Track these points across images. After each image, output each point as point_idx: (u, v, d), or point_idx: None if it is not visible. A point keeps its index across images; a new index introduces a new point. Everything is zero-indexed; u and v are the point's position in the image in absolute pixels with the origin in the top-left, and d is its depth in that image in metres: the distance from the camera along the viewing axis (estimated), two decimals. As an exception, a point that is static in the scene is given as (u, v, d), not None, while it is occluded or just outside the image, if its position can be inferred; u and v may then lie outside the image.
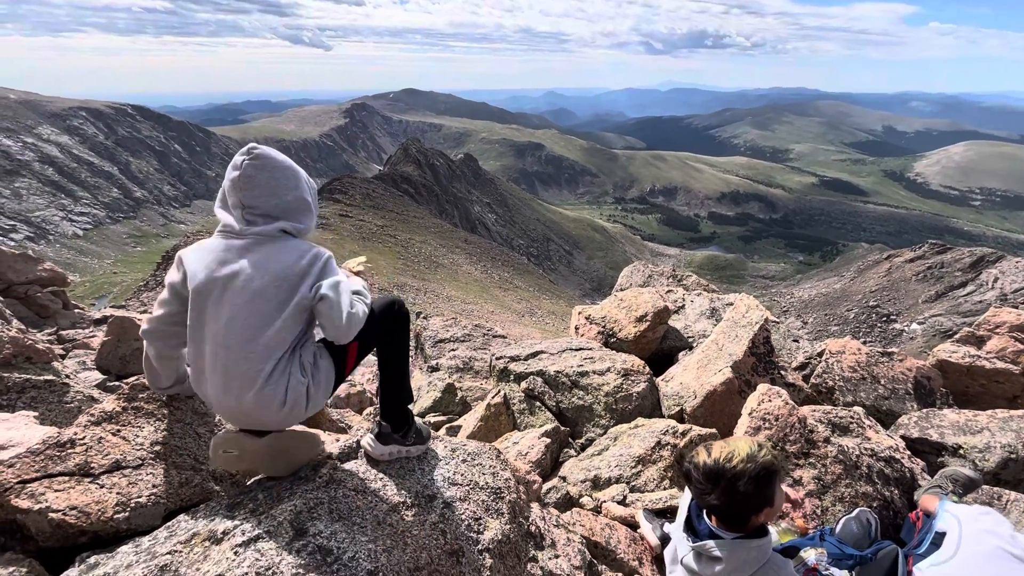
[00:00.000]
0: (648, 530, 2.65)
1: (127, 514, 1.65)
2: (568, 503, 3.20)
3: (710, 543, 1.72)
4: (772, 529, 2.51)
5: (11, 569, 1.46)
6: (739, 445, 1.68)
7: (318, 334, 1.81)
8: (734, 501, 1.63)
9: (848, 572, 2.19)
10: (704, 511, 1.86)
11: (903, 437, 3.87)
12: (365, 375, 6.83)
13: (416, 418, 2.16)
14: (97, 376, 5.25)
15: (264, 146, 1.75)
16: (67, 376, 2.91)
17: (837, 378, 5.15)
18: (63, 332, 7.78)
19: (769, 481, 1.64)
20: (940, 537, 2.31)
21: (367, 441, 2.04)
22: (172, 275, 1.74)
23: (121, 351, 5.83)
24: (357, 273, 2.18)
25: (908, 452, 3.31)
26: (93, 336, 7.64)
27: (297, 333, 1.70)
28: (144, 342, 1.86)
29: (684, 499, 1.99)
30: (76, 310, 9.18)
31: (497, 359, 5.33)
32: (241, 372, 1.62)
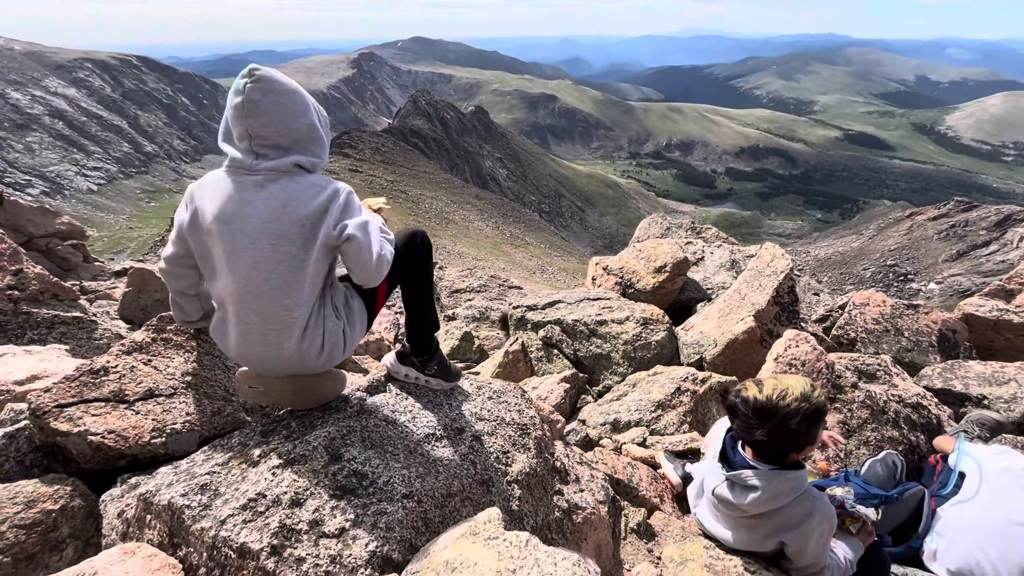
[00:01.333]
0: (670, 470, 2.67)
1: (163, 439, 1.67)
2: (588, 445, 3.23)
3: (747, 472, 1.71)
4: None
5: (56, 487, 1.49)
6: (792, 383, 1.65)
7: (339, 271, 1.75)
8: (782, 438, 1.61)
9: (875, 511, 2.20)
10: (740, 444, 1.85)
11: (926, 388, 3.83)
12: (382, 324, 6.89)
13: (447, 359, 2.14)
14: (121, 325, 5.37)
15: (266, 67, 1.57)
16: (94, 315, 2.94)
17: (860, 330, 5.07)
18: (85, 284, 7.91)
19: (818, 421, 1.63)
20: (962, 478, 2.31)
21: (388, 358, 2.05)
22: (180, 213, 1.64)
23: (143, 301, 5.91)
24: (377, 211, 2.10)
25: (935, 400, 3.27)
26: (115, 288, 7.75)
27: (324, 274, 1.62)
28: (164, 281, 1.81)
29: (718, 431, 1.98)
30: (96, 263, 9.30)
31: (514, 308, 5.32)
32: (278, 320, 1.55)
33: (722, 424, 2.02)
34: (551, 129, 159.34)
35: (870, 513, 2.07)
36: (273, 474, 1.41)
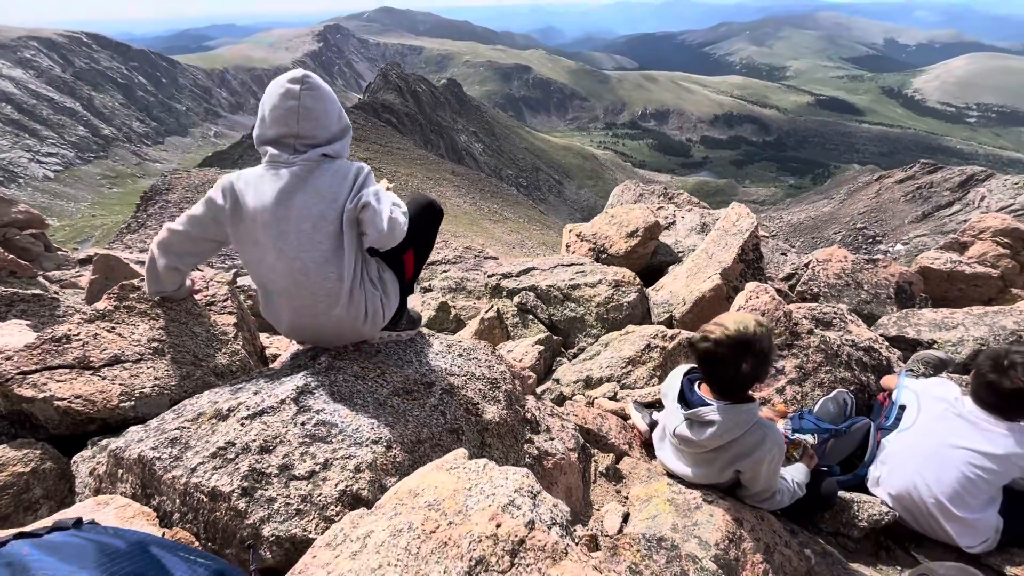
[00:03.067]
0: (638, 418, 2.79)
1: (132, 403, 1.69)
2: (562, 401, 3.34)
3: (704, 408, 1.82)
4: None
5: (25, 451, 1.50)
6: (745, 317, 1.79)
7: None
8: (761, 365, 1.75)
9: (812, 436, 2.37)
10: (696, 385, 1.95)
11: (882, 336, 4.03)
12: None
13: (408, 305, 2.22)
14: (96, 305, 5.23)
15: (308, 72, 1.77)
16: (55, 293, 2.88)
17: (822, 285, 5.26)
18: (49, 274, 7.65)
19: (772, 347, 1.77)
20: (903, 411, 2.48)
21: None
22: (216, 198, 1.76)
23: (111, 287, 5.76)
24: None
25: (886, 343, 3.45)
26: (80, 276, 7.53)
27: (357, 247, 1.79)
28: (155, 251, 1.88)
29: (674, 378, 2.07)
30: (60, 252, 8.97)
31: (489, 276, 5.36)
32: (325, 292, 1.74)
33: (678, 371, 2.12)
34: (526, 101, 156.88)
35: (808, 439, 2.23)
36: (242, 424, 1.45)
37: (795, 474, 2.10)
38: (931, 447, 2.20)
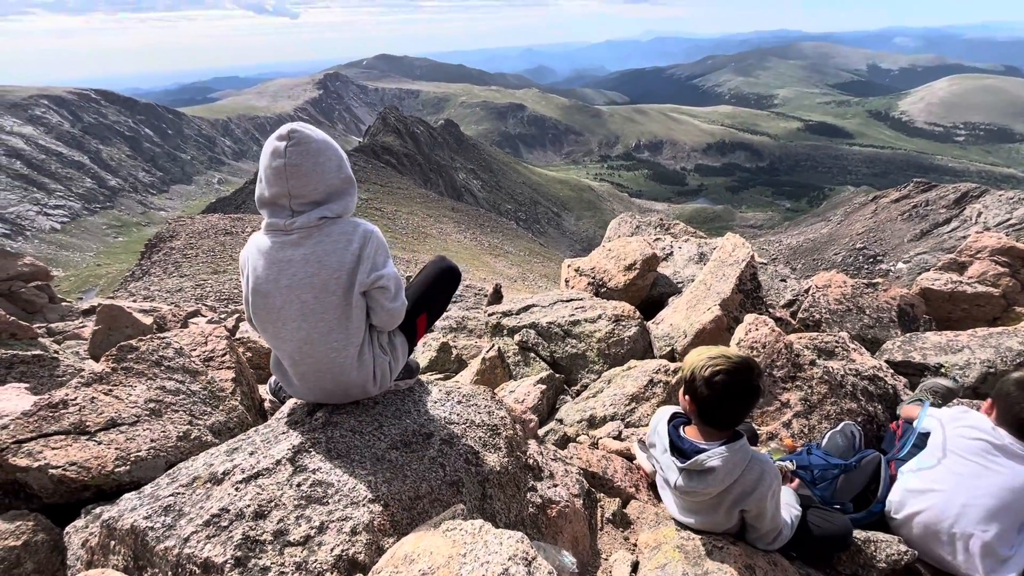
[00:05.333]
0: (643, 459, 2.73)
1: (128, 467, 1.67)
2: (565, 443, 3.28)
3: (701, 456, 1.78)
4: (763, 450, 2.62)
5: (17, 523, 1.48)
6: (721, 348, 1.81)
7: None
8: (761, 390, 1.78)
9: (790, 461, 2.36)
10: (682, 429, 1.92)
11: (887, 361, 3.99)
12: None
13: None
14: (93, 365, 5.22)
15: (299, 124, 1.69)
16: (56, 352, 2.89)
17: (824, 311, 5.25)
18: (53, 325, 7.69)
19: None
20: (923, 438, 2.42)
21: None
22: (243, 281, 1.79)
23: (113, 339, 5.76)
24: None
25: (891, 371, 3.41)
26: (84, 327, 7.56)
27: (366, 316, 1.79)
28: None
29: (660, 425, 2.03)
30: (64, 303, 9.06)
31: (490, 315, 5.37)
32: (330, 361, 1.74)
33: (661, 415, 2.09)
34: (521, 138, 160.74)
35: (787, 464, 2.21)
36: (236, 489, 1.43)
37: (790, 506, 2.05)
38: (971, 481, 2.12)
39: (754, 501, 1.79)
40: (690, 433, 1.91)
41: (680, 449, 1.89)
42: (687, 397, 1.86)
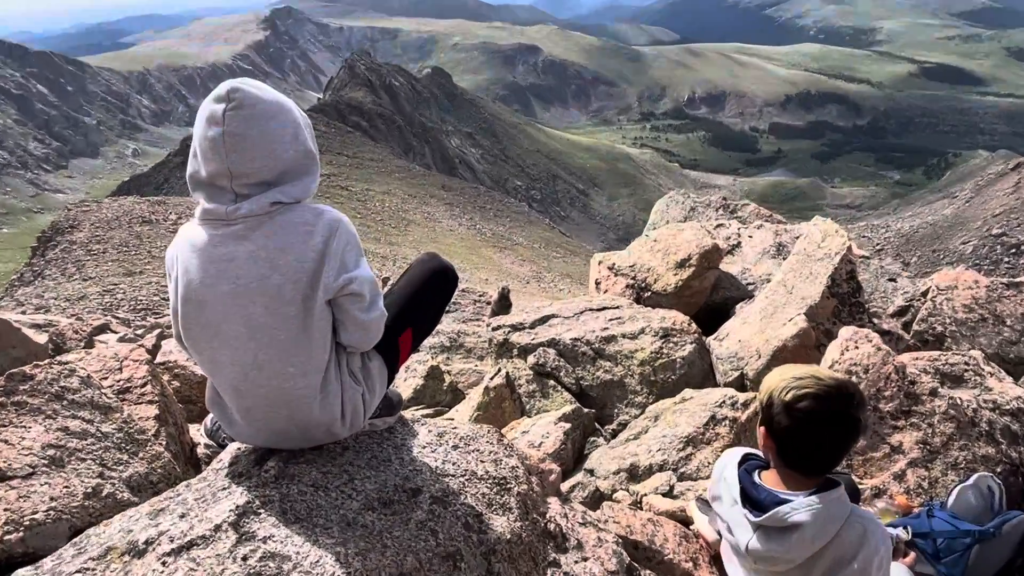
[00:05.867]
0: (703, 522, 2.73)
1: (20, 534, 1.70)
2: (598, 501, 3.30)
3: (783, 508, 1.77)
4: (870, 510, 2.61)
5: None
6: (808, 367, 1.84)
7: None
8: (866, 425, 1.81)
9: (904, 528, 2.38)
10: (757, 475, 1.92)
11: (1037, 390, 3.95)
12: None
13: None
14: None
15: (244, 80, 1.68)
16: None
17: (948, 321, 5.20)
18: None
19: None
20: None
21: None
22: (169, 286, 1.79)
23: (-4, 360, 5.86)
24: None
25: (1043, 403, 3.38)
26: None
27: (331, 333, 1.79)
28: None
29: (727, 470, 2.03)
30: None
31: (495, 330, 5.40)
32: (285, 392, 1.73)
33: (729, 457, 2.09)
34: (535, 90, 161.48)
35: (900, 533, 2.19)
36: (164, 564, 1.45)
37: None
38: None
39: (856, 570, 1.79)
40: (768, 480, 1.90)
41: (754, 500, 1.88)
42: (763, 430, 1.86)
